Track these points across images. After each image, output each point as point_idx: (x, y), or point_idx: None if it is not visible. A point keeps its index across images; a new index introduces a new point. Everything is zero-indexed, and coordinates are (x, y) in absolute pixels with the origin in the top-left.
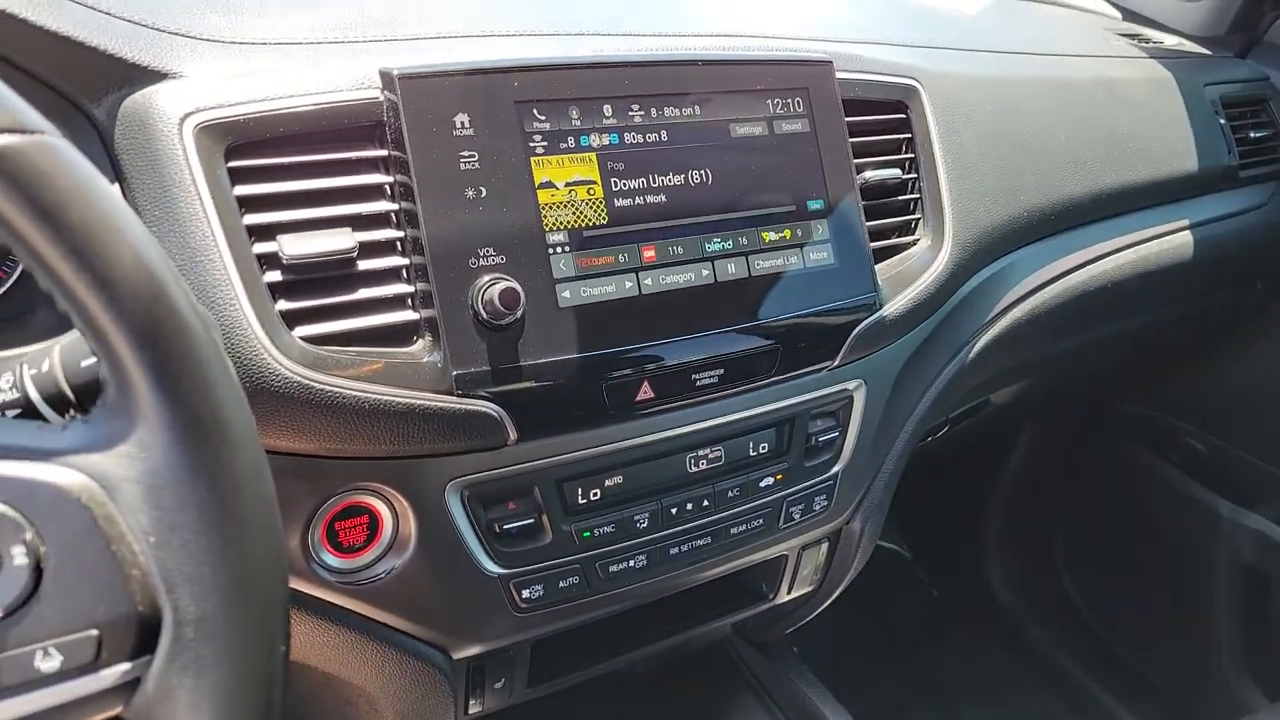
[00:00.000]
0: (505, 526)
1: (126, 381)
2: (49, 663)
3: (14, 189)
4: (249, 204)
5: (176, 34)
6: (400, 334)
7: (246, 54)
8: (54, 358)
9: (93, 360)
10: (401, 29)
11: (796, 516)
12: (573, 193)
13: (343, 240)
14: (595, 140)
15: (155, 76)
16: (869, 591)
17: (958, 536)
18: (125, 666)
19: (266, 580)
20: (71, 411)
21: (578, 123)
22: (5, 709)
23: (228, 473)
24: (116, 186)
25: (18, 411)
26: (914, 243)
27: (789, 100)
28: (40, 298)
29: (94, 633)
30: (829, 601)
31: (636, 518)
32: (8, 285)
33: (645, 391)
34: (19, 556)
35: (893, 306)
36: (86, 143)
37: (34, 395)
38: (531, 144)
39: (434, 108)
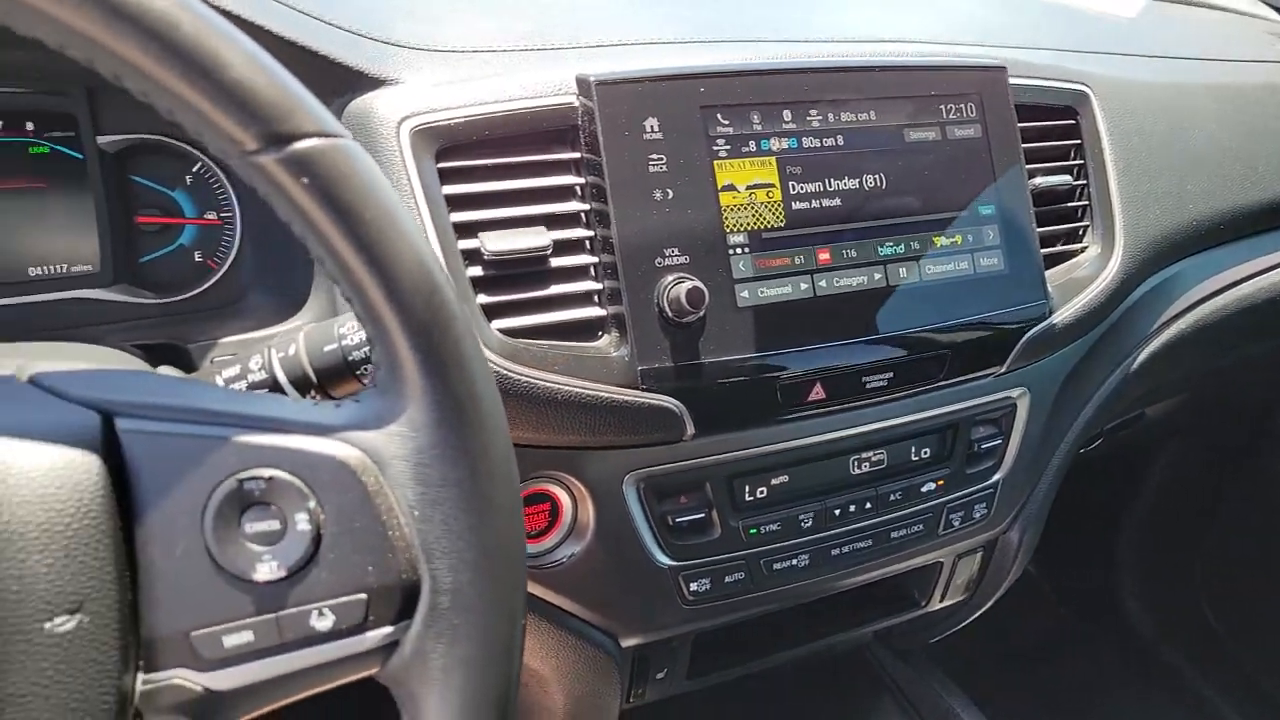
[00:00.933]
0: (677, 520)
1: (399, 366)
2: (323, 622)
3: (317, 187)
4: (455, 203)
5: (390, 43)
6: (586, 329)
7: (452, 61)
8: (299, 343)
9: (334, 346)
10: (586, 36)
11: (956, 523)
12: (753, 195)
13: (538, 238)
14: (775, 144)
15: (375, 83)
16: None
17: (1089, 551)
18: (388, 630)
19: (512, 556)
20: (313, 392)
21: (759, 127)
22: (284, 662)
23: (485, 455)
24: None
25: (264, 390)
26: (1082, 250)
27: (962, 105)
28: (245, 287)
29: (363, 597)
30: (979, 613)
31: (801, 517)
32: (219, 275)
33: (817, 392)
34: (302, 523)
35: (1061, 314)
36: None
37: (280, 376)
38: (715, 148)
39: (626, 112)
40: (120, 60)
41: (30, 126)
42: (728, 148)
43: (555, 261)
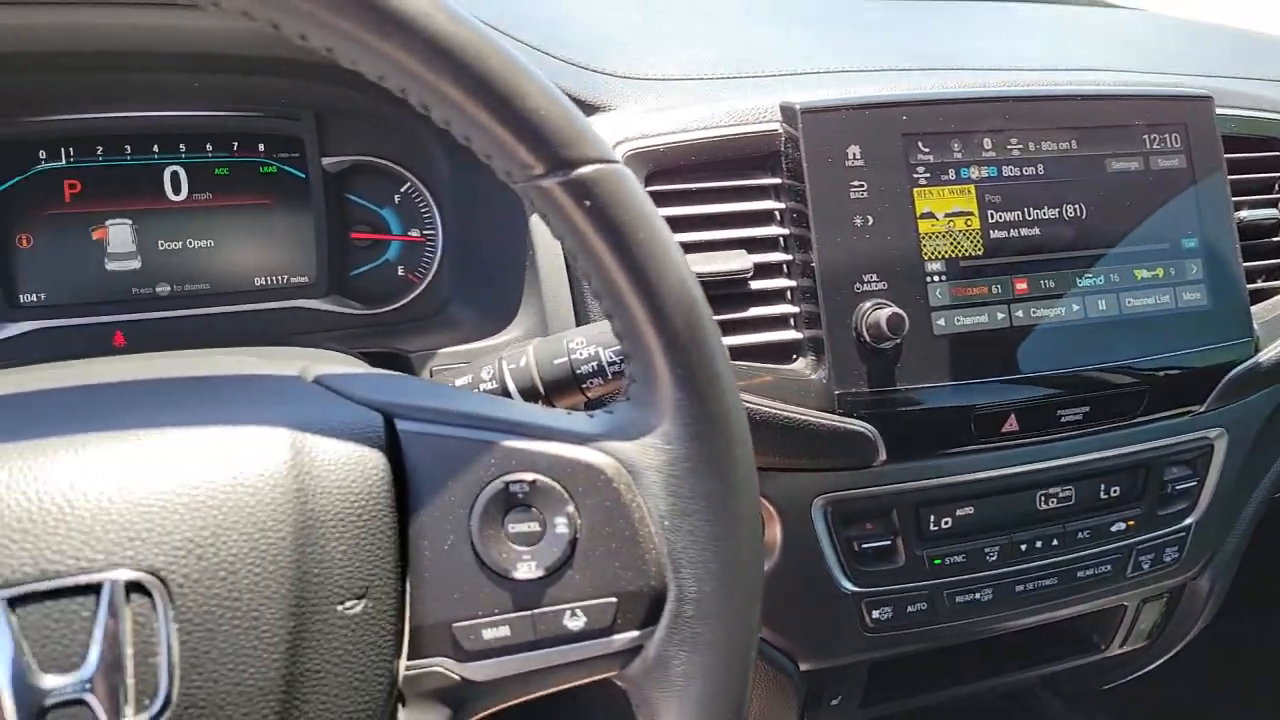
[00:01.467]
0: (862, 546)
1: (656, 381)
2: (575, 622)
3: (596, 210)
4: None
5: (603, 73)
6: (782, 351)
7: (659, 89)
8: (529, 356)
9: (563, 360)
10: (782, 64)
11: (1145, 566)
12: (951, 223)
13: (740, 261)
14: (974, 173)
15: (591, 109)
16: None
17: (1264, 604)
18: (634, 634)
19: (754, 569)
20: (539, 402)
21: (959, 155)
22: (536, 658)
23: (734, 469)
24: None
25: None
26: None
27: (1167, 135)
28: (444, 301)
29: (613, 600)
30: (1158, 662)
31: (986, 550)
32: (420, 289)
33: (1011, 424)
34: (561, 526)
35: (1267, 353)
36: None
37: (511, 386)
38: (915, 175)
39: (829, 139)
40: (434, 91)
41: (261, 148)
42: (927, 175)
43: (754, 284)
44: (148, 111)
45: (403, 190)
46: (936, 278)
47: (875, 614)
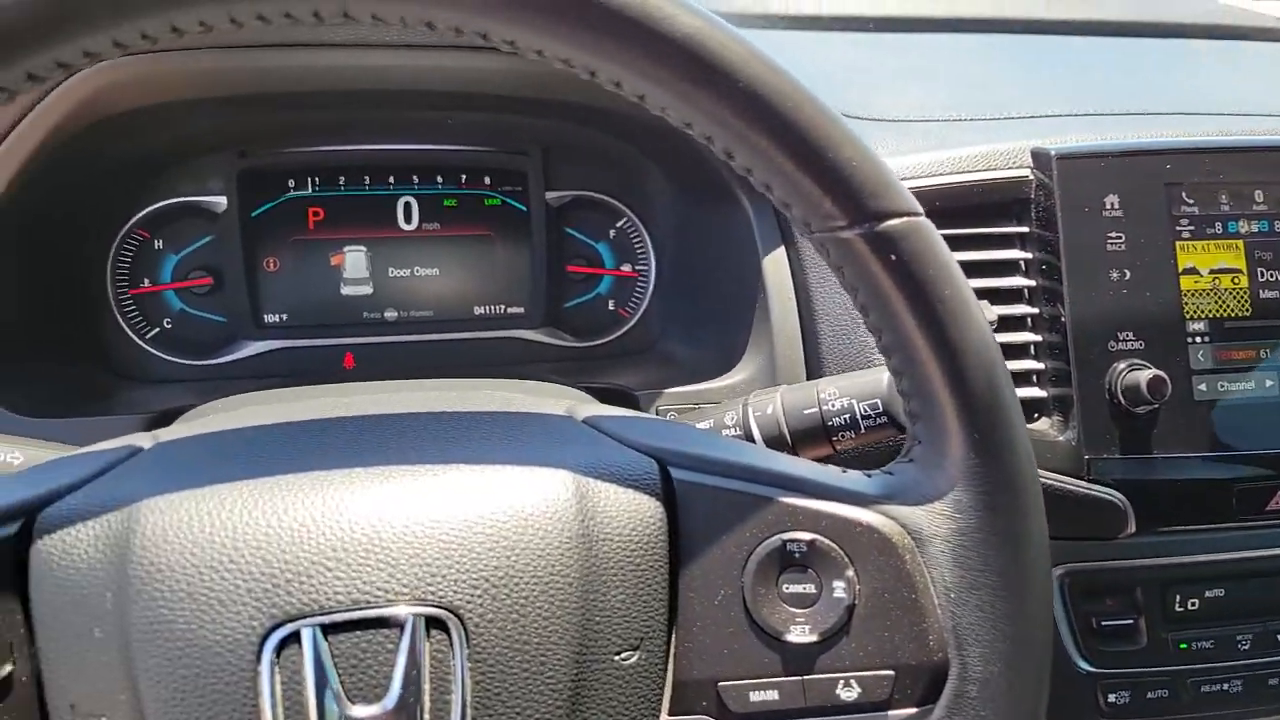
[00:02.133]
0: (1102, 623)
1: (948, 445)
2: (848, 693)
3: (901, 264)
4: None
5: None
6: (1024, 410)
7: (896, 131)
8: (777, 404)
9: (813, 410)
10: (1021, 106)
11: None
12: (1216, 281)
13: (985, 313)
14: (1244, 227)
15: None
16: None
17: None
18: (910, 711)
19: (1043, 652)
20: (785, 452)
21: (1227, 208)
22: None
23: (1029, 542)
24: (782, 247)
25: None
26: None
27: None
28: (654, 338)
29: (890, 673)
30: None
31: (1238, 637)
32: (631, 324)
33: (1277, 501)
34: (839, 590)
35: None
36: (762, 213)
37: (756, 434)
38: (1178, 228)
39: (1086, 188)
40: (744, 139)
41: (487, 180)
42: (1191, 229)
43: (998, 338)
44: (387, 145)
45: (619, 225)
46: (1199, 339)
47: (1111, 698)
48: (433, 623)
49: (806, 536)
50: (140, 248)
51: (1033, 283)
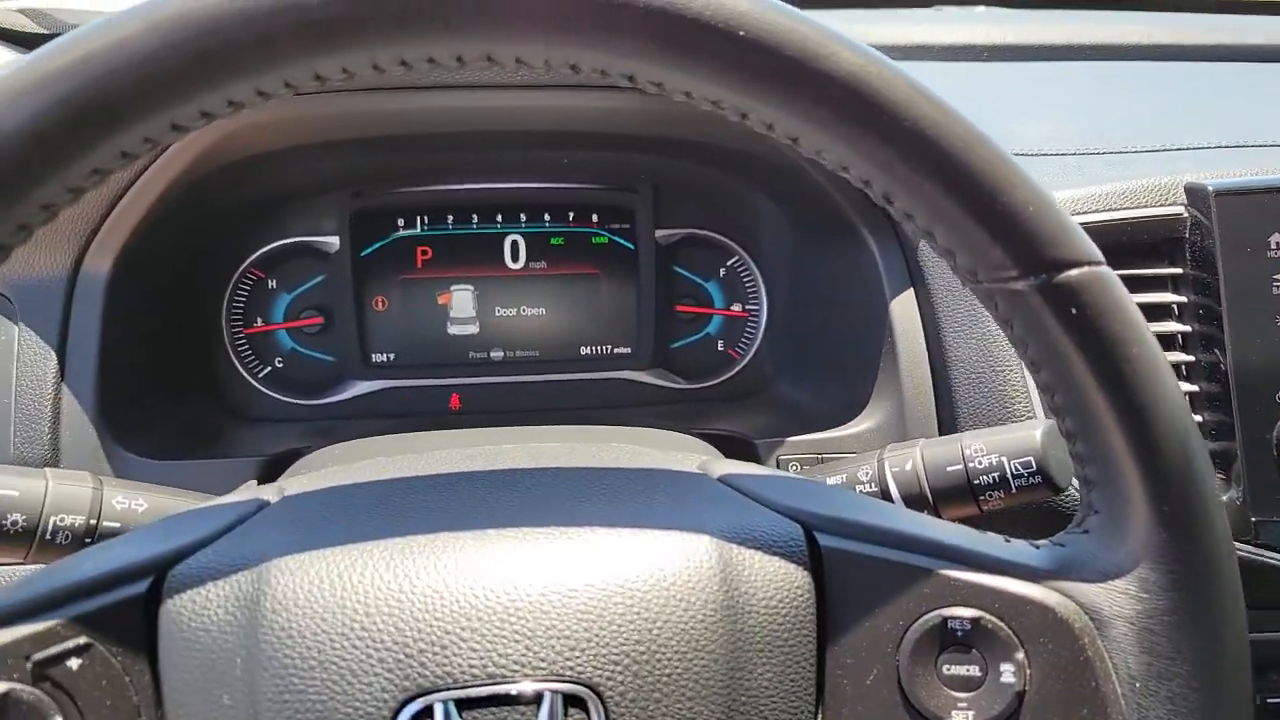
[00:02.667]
0: (1267, 699)
1: (1132, 517)
2: None
3: (1084, 319)
4: None
5: None
6: None
7: (1034, 165)
8: (917, 459)
9: (958, 467)
10: (1164, 136)
11: None
12: None
13: None
14: None
15: None
16: None
17: None
18: None
19: None
20: (925, 511)
21: None
22: None
23: (1226, 626)
24: (910, 289)
25: None
26: None
27: None
28: (767, 380)
29: None
30: None
31: None
32: (741, 365)
33: None
34: (1007, 674)
35: None
36: (889, 253)
37: (894, 491)
38: None
39: (1248, 226)
40: (906, 183)
41: (595, 218)
42: None
43: None
44: (495, 184)
45: (729, 263)
46: None
47: None
48: (571, 700)
49: (970, 613)
50: (255, 287)
51: (1188, 328)
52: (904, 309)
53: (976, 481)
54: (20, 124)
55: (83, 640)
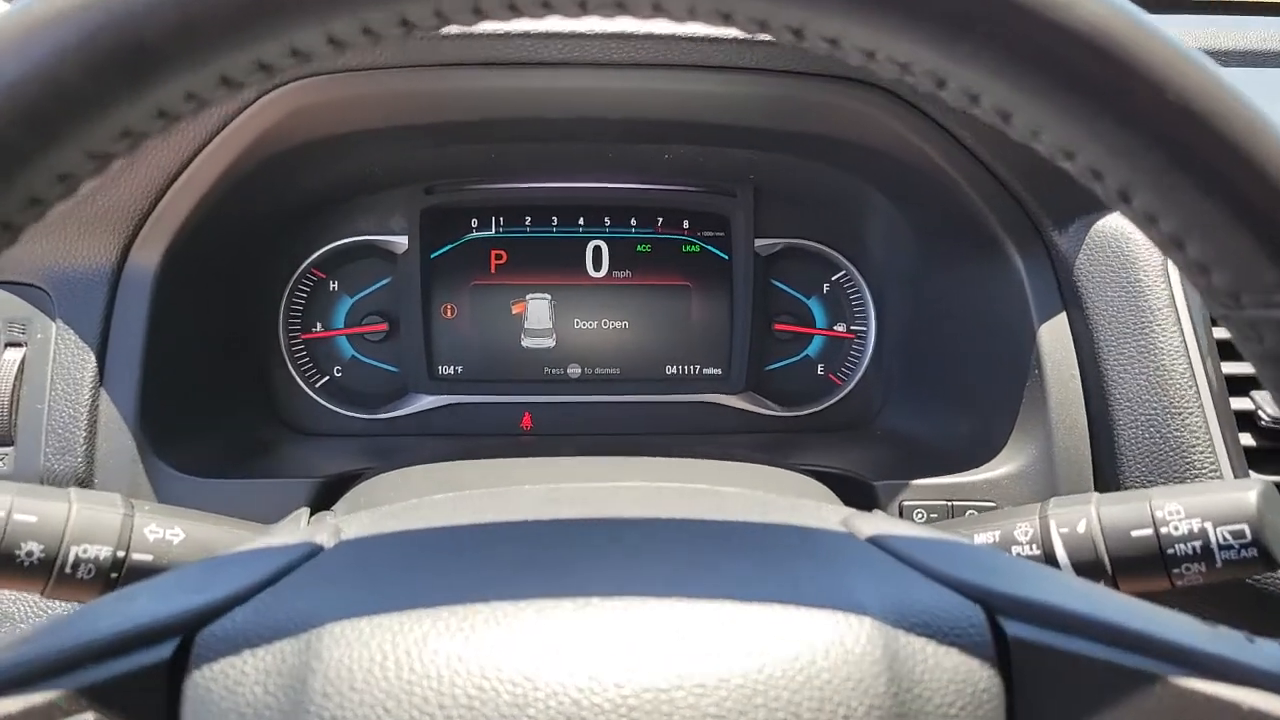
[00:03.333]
0: None
1: None
2: None
3: None
4: (1226, 350)
5: None
6: None
7: None
8: (1092, 519)
9: (1146, 532)
10: None
11: None
12: None
13: None
14: None
15: None
16: None
17: None
18: None
19: None
20: (1102, 582)
21: None
22: None
23: None
24: (1063, 313)
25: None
26: None
27: None
28: (874, 410)
29: None
30: None
31: None
32: (844, 393)
33: None
34: None
35: None
36: (1038, 271)
37: (1062, 556)
38: None
39: None
40: (1158, 174)
41: (686, 225)
42: None
43: None
44: (579, 183)
45: (834, 279)
46: None
47: None
48: None
49: None
50: (315, 289)
51: None
52: (1055, 335)
53: (1171, 551)
54: (30, 68)
55: (90, 717)
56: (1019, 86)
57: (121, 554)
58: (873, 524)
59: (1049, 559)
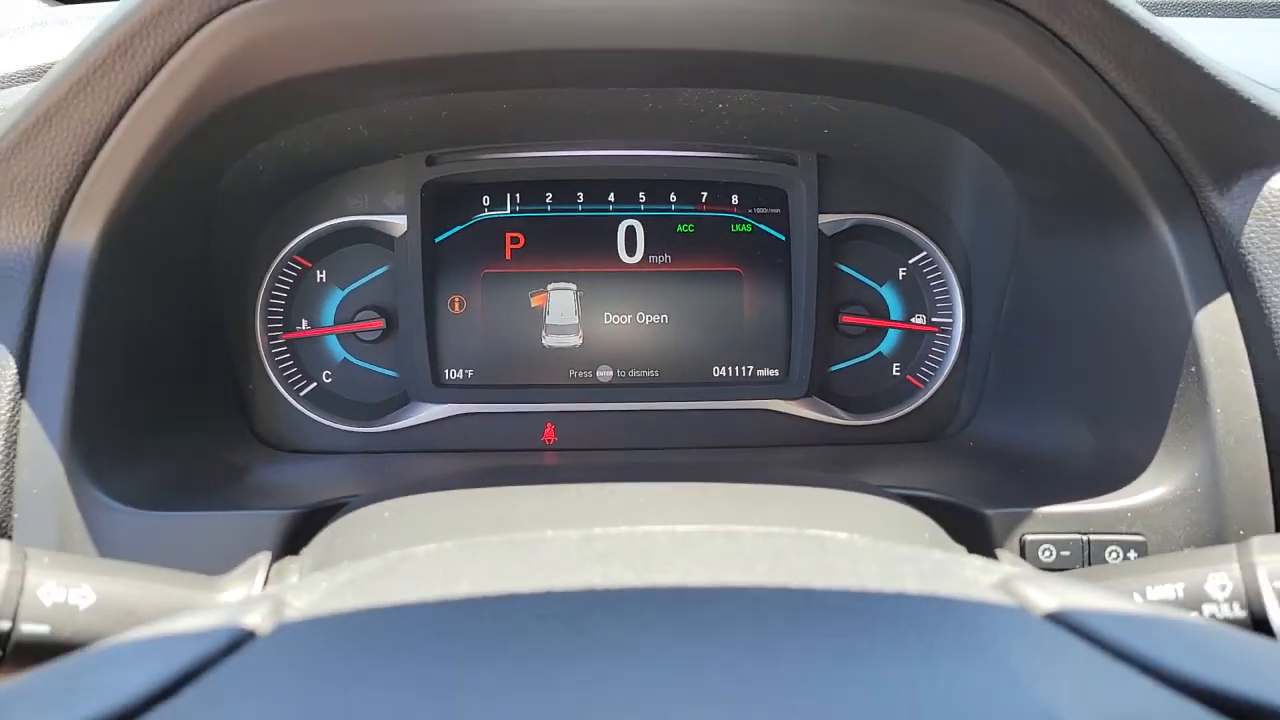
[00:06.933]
0: None
1: None
2: None
3: None
4: None
5: None
6: None
7: None
8: None
9: None
10: None
11: None
12: None
13: None
14: None
15: None
16: None
17: None
18: None
19: None
20: None
21: None
22: None
23: None
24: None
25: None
26: None
27: None
28: (965, 417)
29: None
30: None
31: None
32: (926, 397)
33: None
34: None
35: None
36: (1192, 243)
37: (1275, 614)
38: None
39: None
40: None
41: (735, 200)
42: None
43: None
44: (609, 150)
45: (912, 262)
46: None
47: None
48: None
49: None
50: (298, 280)
51: None
52: (1217, 322)
53: None
54: None
55: None
56: None
57: (7, 626)
58: (1049, 592)
59: (1257, 623)
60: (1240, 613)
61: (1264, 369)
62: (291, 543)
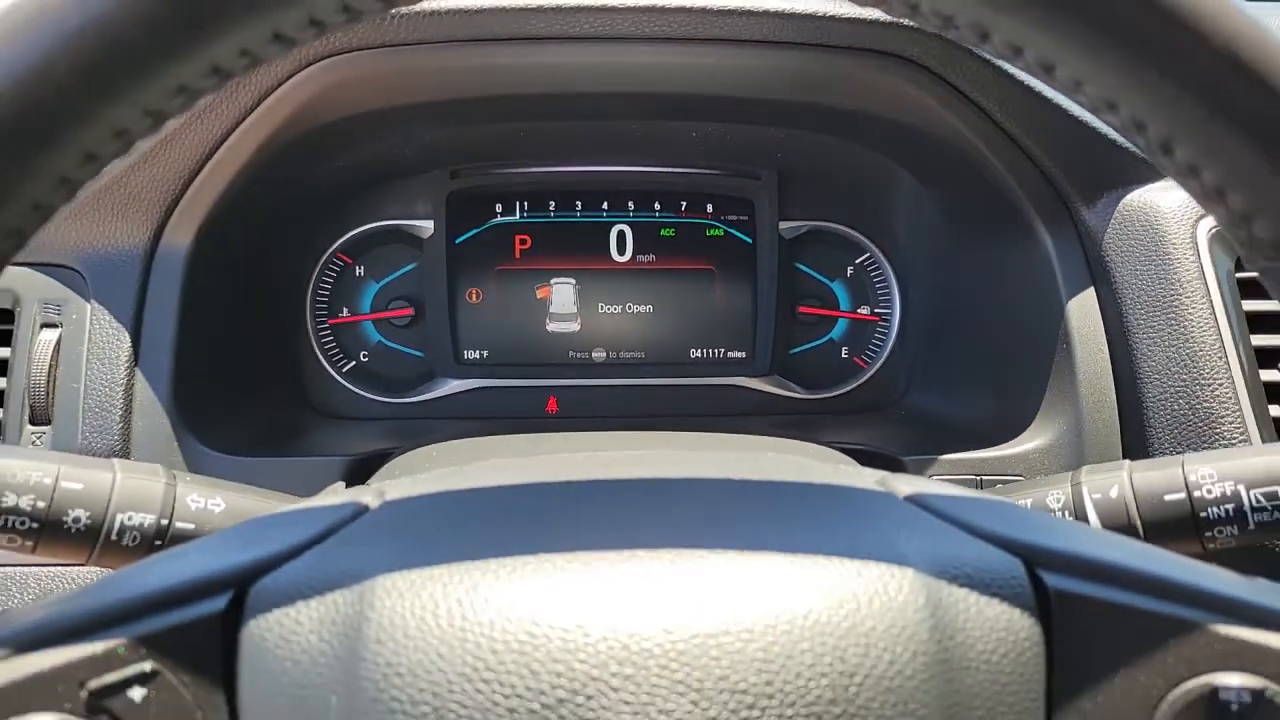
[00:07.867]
0: None
1: None
2: None
3: None
4: (1257, 322)
5: None
6: None
7: None
8: (1124, 484)
9: (1179, 496)
10: None
11: None
12: None
13: None
14: None
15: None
16: None
17: None
18: None
19: None
20: None
21: None
22: None
23: None
24: (1091, 288)
25: None
26: None
27: None
28: (899, 392)
29: None
30: None
31: None
32: (868, 375)
33: None
34: None
35: None
36: (1066, 247)
37: (1093, 518)
38: None
39: None
40: (1203, 122)
41: (710, 209)
42: None
43: None
44: (603, 166)
45: (857, 261)
46: None
47: None
48: None
49: (1253, 684)
50: (341, 274)
51: None
52: (1083, 311)
53: (1204, 514)
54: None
55: (148, 666)
56: (1063, 38)
57: (165, 522)
58: (910, 484)
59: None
60: (1070, 518)
61: (1117, 347)
62: (350, 482)
